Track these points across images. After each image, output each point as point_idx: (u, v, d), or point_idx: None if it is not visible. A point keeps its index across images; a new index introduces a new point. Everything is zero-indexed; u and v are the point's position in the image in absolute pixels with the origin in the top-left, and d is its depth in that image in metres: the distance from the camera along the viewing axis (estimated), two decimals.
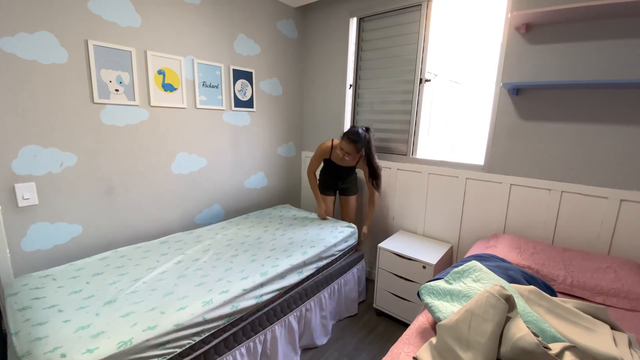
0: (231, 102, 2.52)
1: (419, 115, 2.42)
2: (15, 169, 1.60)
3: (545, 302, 1.14)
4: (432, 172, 2.34)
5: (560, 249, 1.74)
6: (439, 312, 1.20)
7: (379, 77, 2.60)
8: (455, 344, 0.98)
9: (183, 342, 1.27)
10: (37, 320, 1.20)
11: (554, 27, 1.76)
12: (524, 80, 1.88)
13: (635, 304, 1.35)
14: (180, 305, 1.34)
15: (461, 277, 1.34)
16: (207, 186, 2.48)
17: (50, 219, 1.73)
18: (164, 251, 1.86)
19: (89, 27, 1.74)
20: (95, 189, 1.88)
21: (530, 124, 1.90)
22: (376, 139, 2.68)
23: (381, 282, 2.25)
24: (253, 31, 2.60)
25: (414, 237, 2.41)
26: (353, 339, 2.04)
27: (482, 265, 1.36)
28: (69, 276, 1.54)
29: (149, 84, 2.01)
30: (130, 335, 1.15)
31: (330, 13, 2.77)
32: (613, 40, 1.62)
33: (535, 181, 1.91)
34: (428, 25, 2.28)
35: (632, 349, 0.99)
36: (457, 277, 1.34)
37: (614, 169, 1.69)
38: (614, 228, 1.71)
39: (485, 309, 0.99)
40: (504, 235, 1.95)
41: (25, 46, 1.56)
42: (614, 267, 1.53)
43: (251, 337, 1.55)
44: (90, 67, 1.76)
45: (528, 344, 0.88)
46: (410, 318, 2.08)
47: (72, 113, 1.74)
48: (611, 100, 1.66)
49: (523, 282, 1.36)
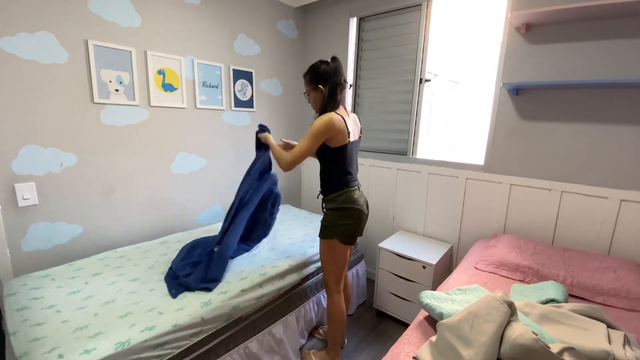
0: (231, 102, 2.52)
1: (419, 115, 2.41)
2: (15, 169, 1.60)
3: (539, 310, 1.14)
4: (432, 172, 2.33)
5: (560, 249, 1.74)
6: (440, 309, 1.21)
7: (379, 77, 2.59)
8: (457, 341, 0.99)
9: (181, 343, 1.27)
10: (35, 321, 1.20)
11: (554, 27, 1.75)
12: (524, 80, 1.87)
13: (635, 304, 1.35)
14: (179, 305, 1.34)
15: (462, 292, 1.37)
16: (207, 186, 2.48)
17: (50, 219, 1.73)
18: (164, 251, 1.86)
19: (89, 27, 1.74)
20: (95, 189, 1.88)
21: (530, 124, 1.90)
22: (376, 139, 2.68)
23: (381, 282, 2.24)
24: (253, 31, 2.60)
25: (414, 237, 2.40)
26: (353, 339, 2.04)
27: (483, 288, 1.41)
28: (68, 276, 1.54)
29: (149, 84, 2.01)
30: (128, 336, 1.15)
31: (330, 13, 2.77)
32: (613, 40, 1.61)
33: (535, 181, 1.91)
34: (428, 25, 2.28)
35: (628, 346, 0.98)
36: (458, 292, 1.38)
37: (614, 169, 1.69)
38: (614, 228, 1.70)
39: (488, 310, 1.00)
40: (504, 235, 1.95)
41: (25, 46, 1.56)
42: (614, 267, 1.52)
43: (251, 337, 1.54)
44: (90, 67, 1.76)
45: (527, 340, 0.88)
46: (410, 318, 2.08)
47: (72, 113, 1.74)
48: (611, 100, 1.66)
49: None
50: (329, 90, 1.49)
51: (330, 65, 1.51)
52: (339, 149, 1.49)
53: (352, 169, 1.58)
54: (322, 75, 1.50)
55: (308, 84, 1.56)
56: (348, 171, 1.55)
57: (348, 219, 1.53)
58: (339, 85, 1.51)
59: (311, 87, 1.55)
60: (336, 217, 1.54)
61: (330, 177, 1.57)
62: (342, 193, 1.53)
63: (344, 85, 1.55)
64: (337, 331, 1.67)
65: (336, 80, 1.50)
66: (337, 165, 1.53)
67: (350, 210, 1.53)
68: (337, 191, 1.54)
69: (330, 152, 1.50)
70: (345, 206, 1.52)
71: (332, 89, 1.49)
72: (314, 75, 1.53)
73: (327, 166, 1.57)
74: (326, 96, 1.50)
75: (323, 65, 1.51)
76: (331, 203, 1.57)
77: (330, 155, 1.51)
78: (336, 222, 1.54)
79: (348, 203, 1.52)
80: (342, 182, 1.54)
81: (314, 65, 1.54)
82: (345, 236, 1.54)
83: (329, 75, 1.49)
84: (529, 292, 1.39)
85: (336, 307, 1.63)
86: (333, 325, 1.65)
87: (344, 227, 1.53)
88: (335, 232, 1.54)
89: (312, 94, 1.56)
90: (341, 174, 1.54)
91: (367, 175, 2.69)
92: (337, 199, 1.54)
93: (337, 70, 1.51)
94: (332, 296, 1.63)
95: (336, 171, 1.54)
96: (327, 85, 1.49)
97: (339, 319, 1.64)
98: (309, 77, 1.55)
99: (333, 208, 1.56)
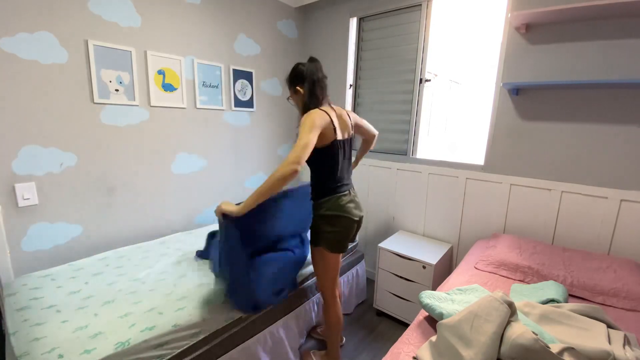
0: (231, 102, 2.52)
1: (419, 115, 2.41)
2: (15, 169, 1.60)
3: (539, 310, 1.14)
4: (432, 172, 2.33)
5: (560, 249, 1.74)
6: (440, 309, 1.21)
7: (379, 77, 2.59)
8: (456, 341, 0.99)
9: (181, 343, 1.26)
10: (35, 321, 1.20)
11: (554, 27, 1.75)
12: (524, 80, 1.87)
13: (635, 304, 1.35)
14: (179, 305, 1.34)
15: (462, 292, 1.37)
16: (207, 186, 2.48)
17: (50, 219, 1.73)
18: (164, 251, 1.86)
19: (89, 27, 1.74)
20: (95, 189, 1.88)
21: (530, 124, 1.90)
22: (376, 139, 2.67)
23: (381, 282, 2.24)
24: (253, 31, 2.60)
25: (414, 237, 2.40)
26: (353, 339, 2.04)
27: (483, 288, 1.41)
28: (68, 276, 1.54)
29: (149, 84, 2.01)
30: (128, 336, 1.15)
31: (330, 13, 2.77)
32: (613, 40, 1.61)
33: (535, 181, 1.91)
34: (428, 25, 2.28)
35: (628, 346, 0.98)
36: (458, 292, 1.38)
37: (614, 169, 1.69)
38: (614, 228, 1.70)
39: (488, 311, 1.00)
40: (504, 235, 1.95)
41: (26, 46, 1.56)
42: (614, 267, 1.52)
43: (250, 338, 1.54)
44: (90, 67, 1.76)
45: (527, 340, 0.88)
46: (410, 318, 2.07)
47: (72, 113, 1.74)
48: (611, 100, 1.66)
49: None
50: (308, 89, 1.45)
51: (307, 66, 1.48)
52: (325, 149, 1.42)
53: (341, 172, 1.50)
54: (300, 76, 1.47)
55: (289, 88, 1.54)
56: (336, 175, 1.48)
57: (334, 227, 1.47)
58: (317, 82, 1.46)
59: (292, 90, 1.53)
60: (322, 224, 1.48)
61: (317, 181, 1.50)
62: (328, 200, 1.47)
63: (323, 82, 1.50)
64: (335, 334, 1.66)
65: (314, 78, 1.46)
66: (325, 168, 1.47)
67: (336, 218, 1.46)
68: (324, 197, 1.48)
69: (317, 152, 1.38)
70: (331, 214, 1.46)
71: (311, 87, 1.45)
72: (292, 78, 1.51)
73: (314, 169, 1.50)
74: (306, 95, 1.46)
75: (300, 66, 1.49)
76: (317, 210, 1.50)
77: (317, 155, 1.40)
78: (322, 230, 1.48)
79: (334, 210, 1.46)
80: (328, 188, 1.48)
81: (292, 68, 1.52)
82: (332, 244, 1.49)
83: (306, 75, 1.46)
84: (529, 292, 1.39)
85: (332, 312, 1.62)
86: (330, 329, 1.64)
87: (330, 235, 1.47)
88: (321, 239, 1.49)
89: (294, 97, 1.54)
90: (328, 179, 1.48)
91: (367, 175, 2.69)
92: (323, 205, 1.47)
93: (313, 68, 1.47)
94: (327, 301, 1.62)
95: (323, 175, 1.48)
96: (305, 84, 1.46)
97: (335, 322, 1.63)
98: (289, 81, 1.53)
99: (319, 215, 1.49)
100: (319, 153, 1.40)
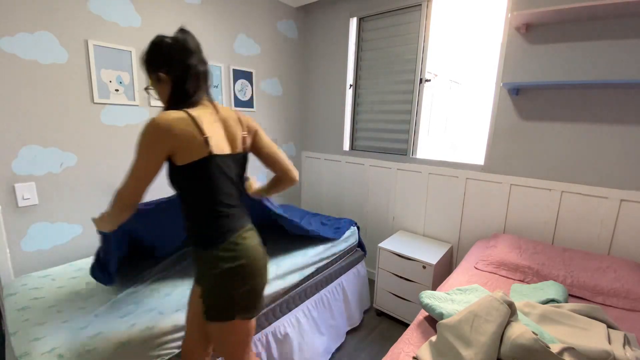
0: (231, 102, 2.52)
1: (419, 115, 2.41)
2: (15, 169, 1.60)
3: (539, 310, 1.15)
4: (432, 172, 2.33)
5: (560, 249, 1.74)
6: (440, 309, 1.21)
7: (379, 77, 2.59)
8: (457, 341, 0.99)
9: (181, 343, 1.26)
10: (35, 321, 1.20)
11: (554, 27, 1.75)
12: (524, 80, 1.87)
13: (635, 304, 1.35)
14: (179, 306, 1.34)
15: (462, 292, 1.38)
16: None
17: (50, 219, 1.73)
18: None
19: (89, 27, 1.74)
20: (96, 189, 1.88)
21: (530, 124, 1.90)
22: (376, 139, 2.68)
23: (381, 282, 2.25)
24: (253, 31, 2.60)
25: (414, 237, 2.40)
26: (353, 338, 2.04)
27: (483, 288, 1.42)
28: (68, 276, 1.54)
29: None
30: (128, 336, 1.15)
31: (330, 13, 2.77)
32: (613, 40, 1.61)
33: (535, 181, 1.91)
34: (428, 25, 2.28)
35: (628, 346, 0.98)
36: (458, 292, 1.38)
37: (614, 169, 1.69)
38: (614, 228, 1.71)
39: (488, 311, 1.01)
40: (504, 235, 1.95)
41: (26, 46, 1.56)
42: (614, 267, 1.52)
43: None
44: (90, 67, 1.76)
45: (527, 340, 0.89)
46: (410, 318, 2.08)
47: (72, 113, 1.74)
48: (611, 100, 1.66)
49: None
50: (174, 78, 0.97)
51: (174, 41, 0.97)
52: (194, 167, 0.93)
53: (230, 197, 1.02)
54: (165, 57, 0.96)
55: (149, 75, 1.00)
56: (225, 202, 1.00)
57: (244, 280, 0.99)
58: (190, 68, 0.97)
59: (153, 78, 0.99)
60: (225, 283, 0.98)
61: (196, 218, 1.00)
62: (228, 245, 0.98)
63: (200, 69, 1.00)
64: None
65: (186, 62, 0.96)
66: (203, 196, 0.98)
67: (247, 268, 0.99)
68: (218, 242, 0.98)
69: (183, 174, 0.95)
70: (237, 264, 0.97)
71: (180, 76, 0.96)
72: (151, 58, 0.98)
73: (186, 200, 1.01)
74: (172, 88, 0.98)
75: (164, 41, 0.96)
76: (210, 264, 0.97)
77: (185, 180, 0.97)
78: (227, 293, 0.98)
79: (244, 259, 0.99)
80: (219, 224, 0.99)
81: (151, 43, 0.98)
82: (246, 307, 1.02)
83: (174, 56, 0.96)
84: (529, 292, 1.39)
85: None
86: None
87: (241, 295, 0.99)
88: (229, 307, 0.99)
89: (156, 87, 1.01)
90: (214, 209, 0.98)
91: (367, 175, 2.69)
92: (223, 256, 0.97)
93: (184, 46, 0.97)
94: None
95: (204, 205, 0.99)
96: (171, 71, 0.96)
97: None
98: (146, 62, 0.99)
99: (217, 273, 0.96)
100: (188, 176, 0.95)
